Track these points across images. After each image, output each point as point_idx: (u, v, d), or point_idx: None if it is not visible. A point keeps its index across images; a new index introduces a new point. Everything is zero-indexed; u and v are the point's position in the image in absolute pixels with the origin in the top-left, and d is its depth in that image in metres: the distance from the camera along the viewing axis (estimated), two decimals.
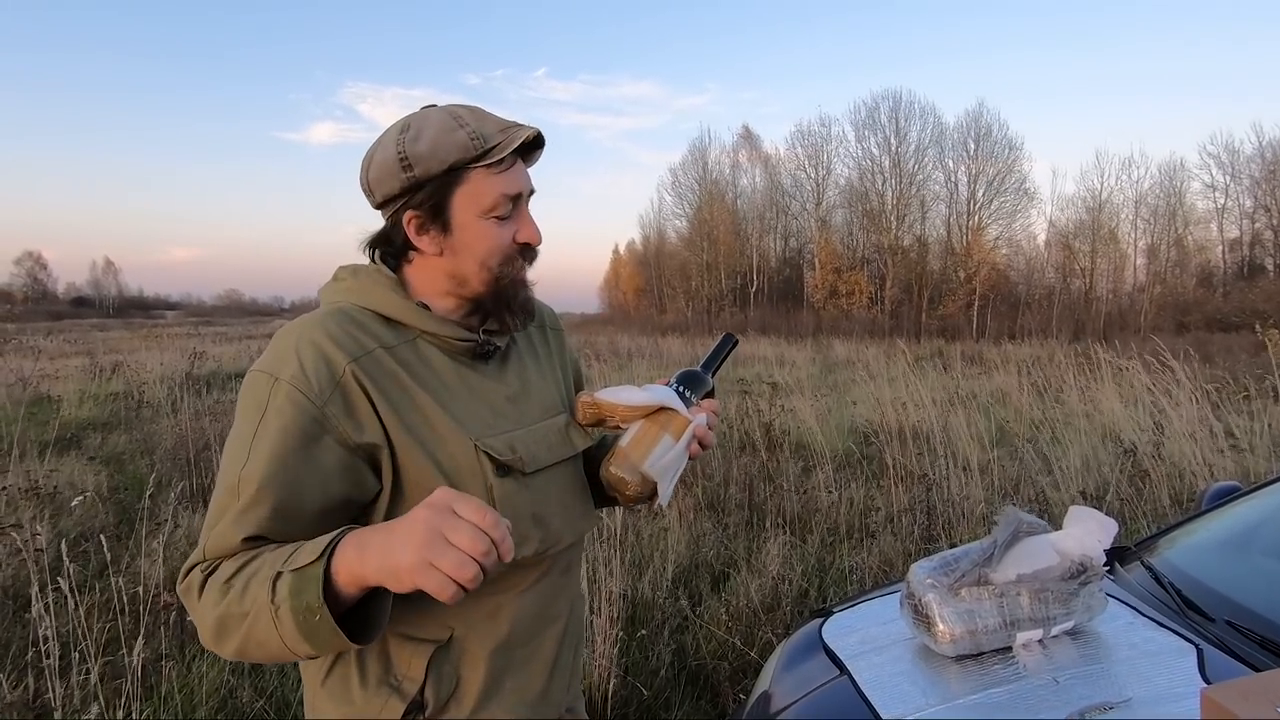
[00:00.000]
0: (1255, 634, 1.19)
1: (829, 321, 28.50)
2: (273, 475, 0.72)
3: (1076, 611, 1.24)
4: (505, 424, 0.86)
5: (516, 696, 0.88)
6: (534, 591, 0.89)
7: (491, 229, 0.85)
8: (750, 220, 37.04)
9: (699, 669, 2.42)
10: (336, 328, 0.79)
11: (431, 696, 0.81)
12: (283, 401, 0.74)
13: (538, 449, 0.88)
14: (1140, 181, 31.78)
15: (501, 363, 0.92)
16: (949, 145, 32.29)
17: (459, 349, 0.86)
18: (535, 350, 0.99)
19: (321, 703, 0.84)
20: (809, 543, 3.33)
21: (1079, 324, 27.11)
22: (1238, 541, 1.58)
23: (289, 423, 0.74)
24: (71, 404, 7.24)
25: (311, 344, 0.77)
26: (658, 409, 0.90)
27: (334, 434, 0.75)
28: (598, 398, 0.93)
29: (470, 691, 0.84)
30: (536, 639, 0.90)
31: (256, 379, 0.77)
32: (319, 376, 0.75)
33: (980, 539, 1.34)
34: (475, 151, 0.81)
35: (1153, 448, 4.20)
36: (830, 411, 6.42)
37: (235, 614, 0.69)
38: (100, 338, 23.42)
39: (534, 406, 0.92)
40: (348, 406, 0.76)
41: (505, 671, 0.87)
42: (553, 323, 1.06)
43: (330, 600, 0.65)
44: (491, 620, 0.85)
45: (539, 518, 0.86)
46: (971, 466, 3.93)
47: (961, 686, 1.18)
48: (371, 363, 0.79)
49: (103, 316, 55.96)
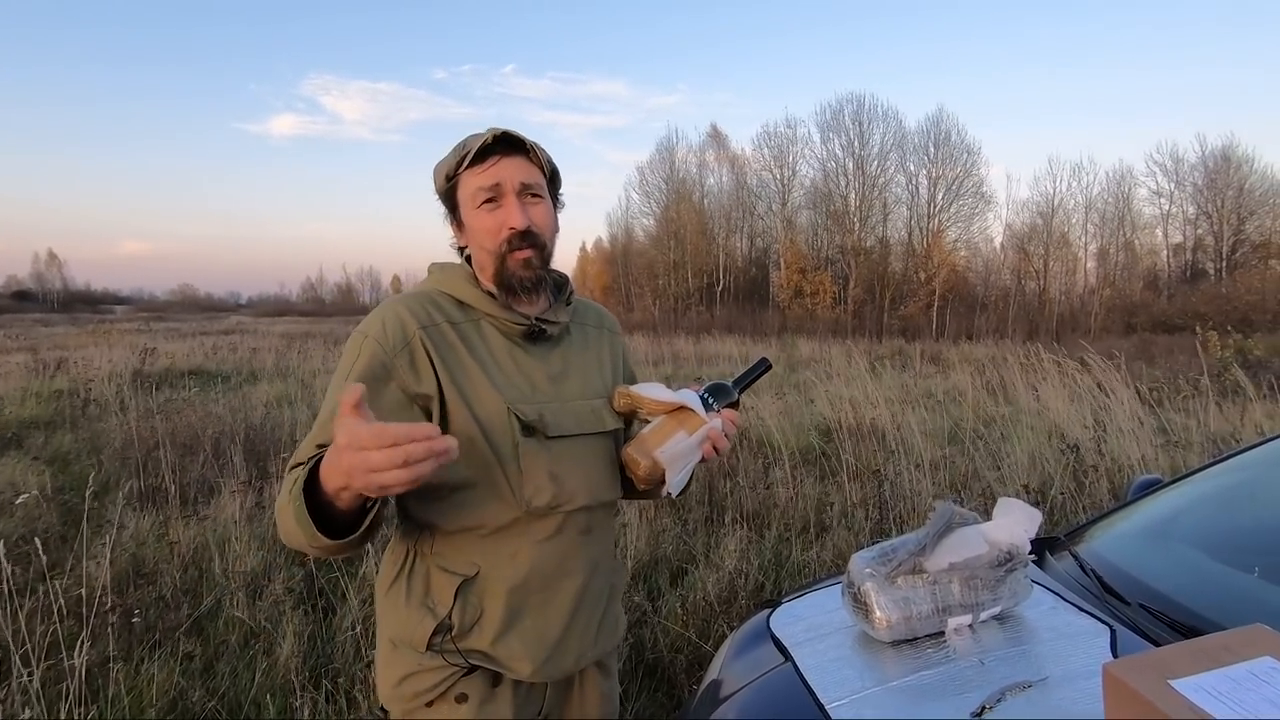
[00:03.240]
0: (1165, 616, 1.27)
1: (794, 321, 28.88)
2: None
3: (1003, 597, 1.31)
4: (541, 396, 1.04)
5: (534, 636, 1.03)
6: (551, 543, 1.04)
7: (481, 217, 1.03)
8: (717, 220, 37.30)
9: (656, 662, 2.46)
10: (416, 304, 1.02)
11: (457, 620, 1.00)
12: (367, 351, 0.97)
13: (566, 420, 1.05)
14: (1089, 187, 33.13)
15: (552, 347, 1.10)
16: (910, 149, 33.01)
17: (514, 330, 1.05)
18: (588, 344, 1.16)
19: (383, 608, 1.07)
20: (766, 538, 3.40)
21: (1033, 325, 27.96)
22: (1156, 530, 1.68)
23: (366, 365, 0.96)
24: (13, 402, 6.97)
25: (394, 313, 1.00)
26: (679, 407, 1.05)
27: (398, 380, 0.97)
28: (631, 390, 1.08)
29: (491, 622, 1.01)
30: (553, 588, 1.05)
31: (355, 337, 0.99)
32: (394, 336, 0.98)
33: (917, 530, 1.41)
34: (457, 159, 1.03)
35: (1095, 444, 4.39)
36: (791, 409, 6.53)
37: (280, 506, 0.87)
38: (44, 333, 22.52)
39: (573, 387, 1.09)
40: (412, 362, 0.97)
41: (523, 610, 1.03)
42: (610, 326, 1.24)
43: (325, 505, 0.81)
44: (511, 562, 1.02)
45: (555, 475, 1.02)
46: (924, 463, 4.05)
47: (897, 670, 1.24)
48: (437, 332, 1.00)
49: (46, 311, 53.73)
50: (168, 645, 2.34)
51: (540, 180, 1.06)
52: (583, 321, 1.18)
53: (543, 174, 1.07)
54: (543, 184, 1.07)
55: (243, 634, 2.44)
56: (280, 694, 2.11)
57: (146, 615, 2.54)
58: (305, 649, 2.33)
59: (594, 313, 1.22)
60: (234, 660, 2.29)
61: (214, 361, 11.56)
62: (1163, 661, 0.86)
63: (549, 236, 1.08)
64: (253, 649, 2.35)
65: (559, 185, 1.13)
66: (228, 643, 2.40)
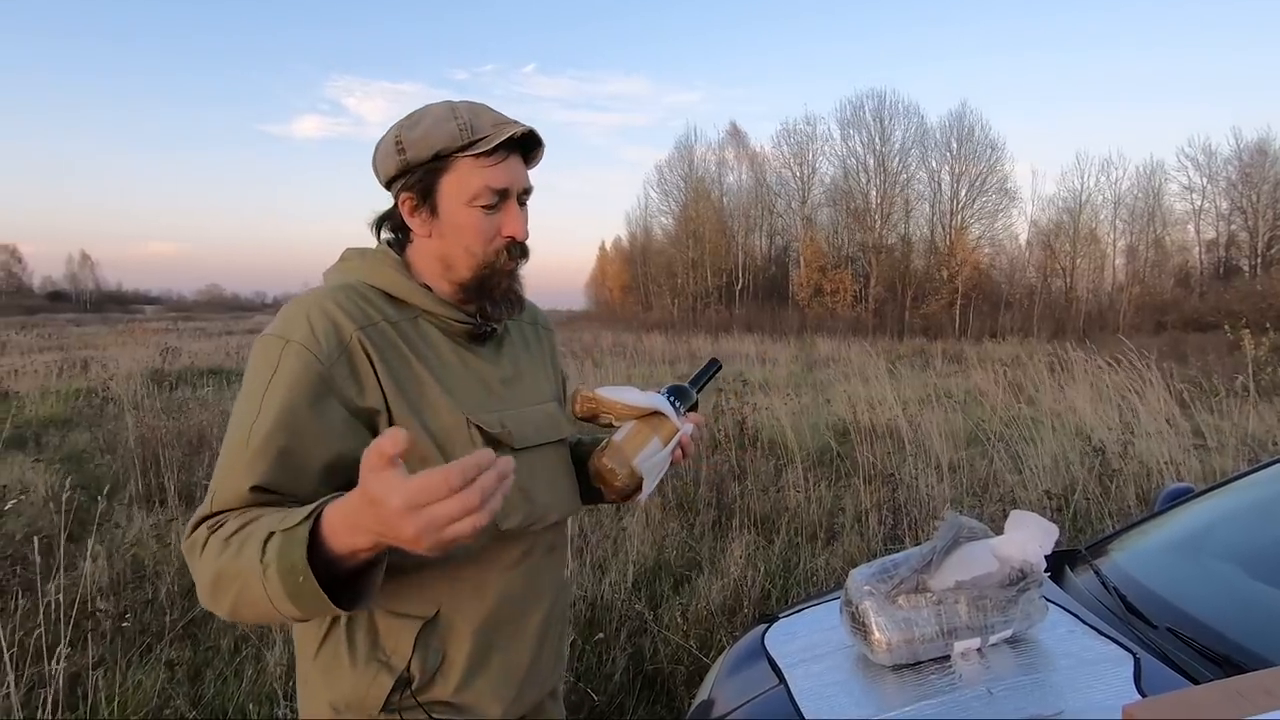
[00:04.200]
0: (1196, 642, 1.16)
1: (814, 320, 28.59)
2: (281, 427, 0.76)
3: (1015, 619, 1.20)
4: (497, 403, 0.91)
5: (503, 673, 0.90)
6: (519, 569, 0.92)
7: (476, 217, 0.88)
8: (736, 218, 37.07)
9: (656, 673, 2.37)
10: (345, 299, 0.84)
11: (418, 671, 0.84)
12: (293, 361, 0.78)
13: (526, 429, 0.93)
14: (1119, 182, 32.18)
15: (498, 347, 0.97)
16: (932, 145, 32.53)
17: (457, 330, 0.91)
18: (528, 343, 1.05)
19: (314, 676, 0.87)
20: (775, 543, 3.29)
21: (1059, 323, 27.39)
22: (1186, 545, 1.56)
23: (298, 380, 0.78)
24: (34, 401, 7.07)
25: (322, 311, 0.82)
26: (651, 412, 0.97)
27: (338, 395, 0.80)
28: (597, 393, 0.98)
29: (456, 666, 0.87)
30: (522, 618, 0.93)
31: (267, 342, 0.81)
32: (328, 339, 0.80)
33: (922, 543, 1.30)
34: (462, 141, 0.86)
35: (1121, 447, 4.22)
36: (806, 410, 6.40)
37: (230, 572, 0.70)
38: (75, 333, 23.02)
39: (526, 391, 0.97)
40: (353, 370, 0.81)
41: (491, 647, 0.89)
42: (544, 322, 1.12)
43: (322, 564, 0.65)
44: (477, 596, 0.88)
45: (525, 491, 0.89)
46: (941, 466, 3.91)
47: (896, 698, 1.14)
48: (376, 333, 0.84)
49: (79, 311, 55.04)
50: (157, 651, 2.30)
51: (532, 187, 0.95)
52: (519, 319, 1.05)
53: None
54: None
55: (233, 640, 2.39)
56: (266, 702, 2.05)
57: (140, 618, 2.50)
58: (293, 656, 2.27)
59: (529, 309, 1.08)
60: (223, 667, 2.25)
61: (234, 360, 11.69)
62: (1191, 704, 0.76)
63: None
64: (243, 656, 2.30)
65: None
66: (218, 648, 2.36)
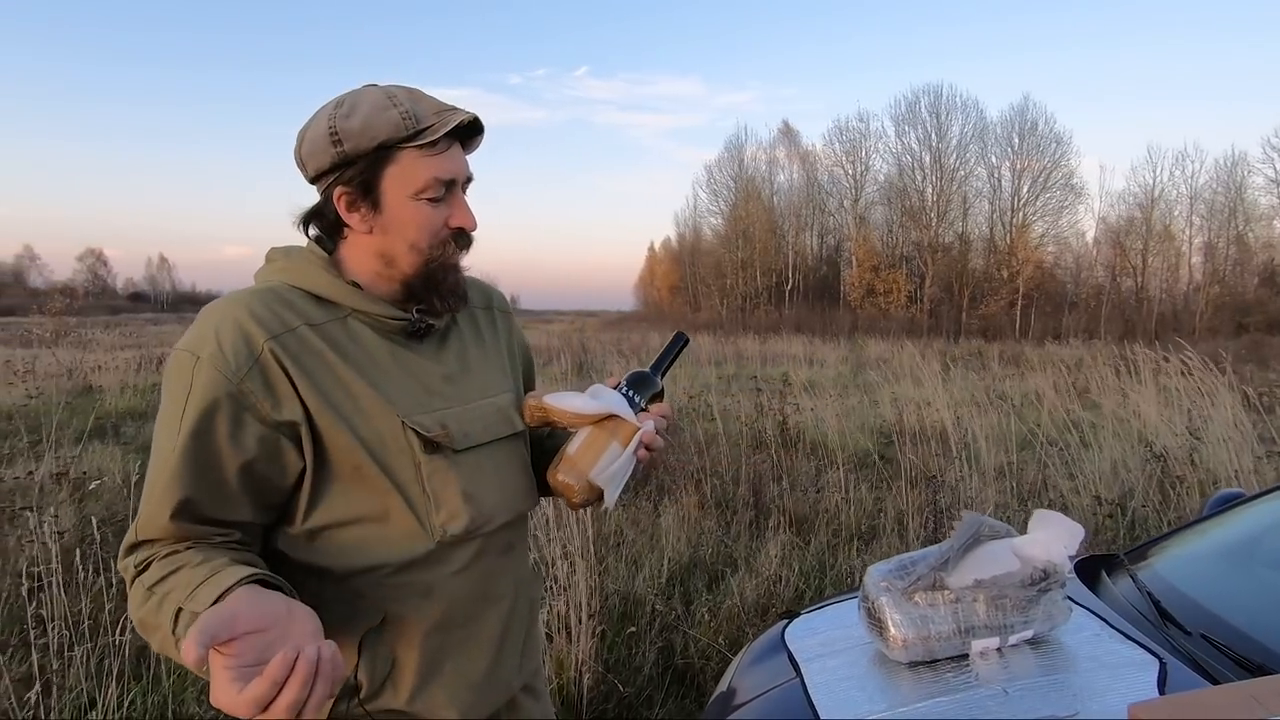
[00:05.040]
0: (1230, 649, 1.11)
1: (866, 320, 27.99)
2: (194, 452, 0.74)
3: (1036, 620, 1.18)
4: (438, 402, 0.86)
5: (458, 679, 0.86)
6: (471, 572, 0.87)
7: (422, 210, 0.84)
8: (787, 218, 36.63)
9: (686, 668, 2.39)
10: (260, 305, 0.79)
11: (365, 679, 0.81)
12: (204, 379, 0.75)
13: (472, 427, 0.88)
14: (1195, 176, 30.43)
15: (440, 342, 0.91)
16: (992, 140, 31.49)
17: (392, 328, 0.86)
18: (480, 332, 0.98)
19: None
20: (812, 544, 3.26)
21: (1129, 324, 26.11)
22: (1232, 551, 1.49)
23: (209, 400, 0.75)
24: (114, 395, 7.55)
25: (232, 322, 0.77)
26: (606, 416, 0.90)
27: (252, 411, 0.76)
28: (545, 402, 0.91)
29: (407, 674, 0.83)
30: (476, 620, 0.89)
31: (179, 358, 0.77)
32: (237, 354, 0.76)
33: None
34: (407, 131, 0.81)
35: (1186, 452, 4.01)
36: (852, 411, 6.30)
37: (151, 624, 0.72)
38: (153, 331, 24.35)
39: (473, 386, 0.91)
40: (266, 383, 0.76)
41: (443, 653, 0.85)
42: (500, 305, 1.05)
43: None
44: (426, 601, 0.84)
45: (469, 495, 0.85)
46: (989, 469, 3.80)
47: (909, 694, 1.13)
48: (293, 339, 0.79)
49: (157, 311, 58.28)
50: None
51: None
52: (470, 306, 0.98)
53: None
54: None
55: None
56: None
57: None
58: None
59: (480, 292, 1.01)
60: None
61: None
62: (1201, 706, 0.75)
63: None
64: None
65: None
66: None
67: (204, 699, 2.08)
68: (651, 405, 0.95)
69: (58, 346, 13.26)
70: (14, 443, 5.11)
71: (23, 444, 5.01)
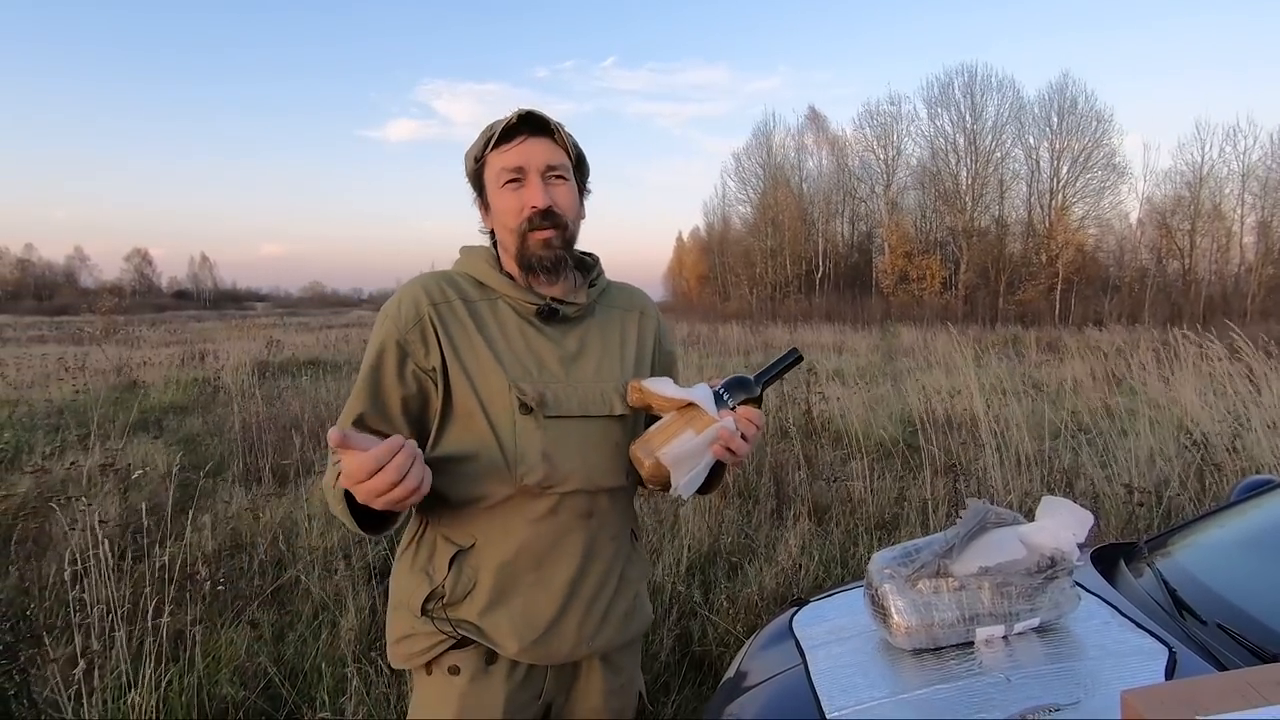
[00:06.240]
0: (1246, 640, 1.08)
1: (899, 308, 27.48)
2: (368, 378, 1.03)
3: (1043, 608, 1.16)
4: (547, 375, 1.04)
5: (522, 615, 1.02)
6: (545, 524, 1.03)
7: (504, 195, 1.05)
8: (817, 204, 36.07)
9: (703, 655, 2.40)
10: (433, 283, 1.06)
11: (450, 588, 1.03)
12: (384, 330, 1.03)
13: (569, 401, 1.04)
14: (1247, 153, 28.99)
15: (569, 328, 1.09)
16: (1029, 120, 30.46)
17: (527, 310, 1.06)
18: (615, 328, 1.14)
19: (395, 570, 1.12)
20: (833, 533, 3.24)
21: (1175, 308, 25.17)
22: (1257, 539, 1.44)
23: (384, 344, 1.03)
24: (158, 390, 7.82)
25: (411, 293, 1.05)
26: (687, 404, 0.99)
27: (412, 356, 1.02)
28: (643, 385, 1.03)
29: (481, 594, 1.02)
30: (546, 568, 1.04)
31: (380, 316, 1.05)
32: (407, 315, 1.03)
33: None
34: (484, 141, 1.05)
35: (1228, 440, 3.88)
36: (880, 400, 6.21)
37: (326, 485, 0.98)
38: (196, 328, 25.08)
39: (587, 369, 1.07)
40: (423, 337, 1.02)
41: (514, 588, 1.03)
42: (643, 307, 1.21)
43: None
44: (506, 537, 1.03)
45: (547, 454, 1.01)
46: (1019, 458, 3.72)
47: (912, 681, 1.13)
48: (448, 309, 1.04)
49: (200, 309, 60.01)
50: (248, 613, 2.53)
51: (565, 162, 1.06)
52: (610, 303, 1.16)
53: (568, 156, 1.08)
54: (568, 166, 1.07)
55: (313, 607, 2.60)
56: (338, 663, 2.23)
57: (235, 584, 2.76)
58: (366, 622, 2.45)
59: (625, 294, 1.20)
60: (303, 630, 2.45)
61: (330, 353, 12.46)
62: (1195, 693, 0.73)
63: (571, 218, 1.07)
64: (320, 620, 2.50)
65: (586, 171, 1.13)
66: (300, 614, 2.57)
67: (236, 679, 2.16)
68: (742, 409, 1.01)
69: (107, 343, 13.77)
70: (64, 435, 5.34)
71: (71, 437, 5.24)
